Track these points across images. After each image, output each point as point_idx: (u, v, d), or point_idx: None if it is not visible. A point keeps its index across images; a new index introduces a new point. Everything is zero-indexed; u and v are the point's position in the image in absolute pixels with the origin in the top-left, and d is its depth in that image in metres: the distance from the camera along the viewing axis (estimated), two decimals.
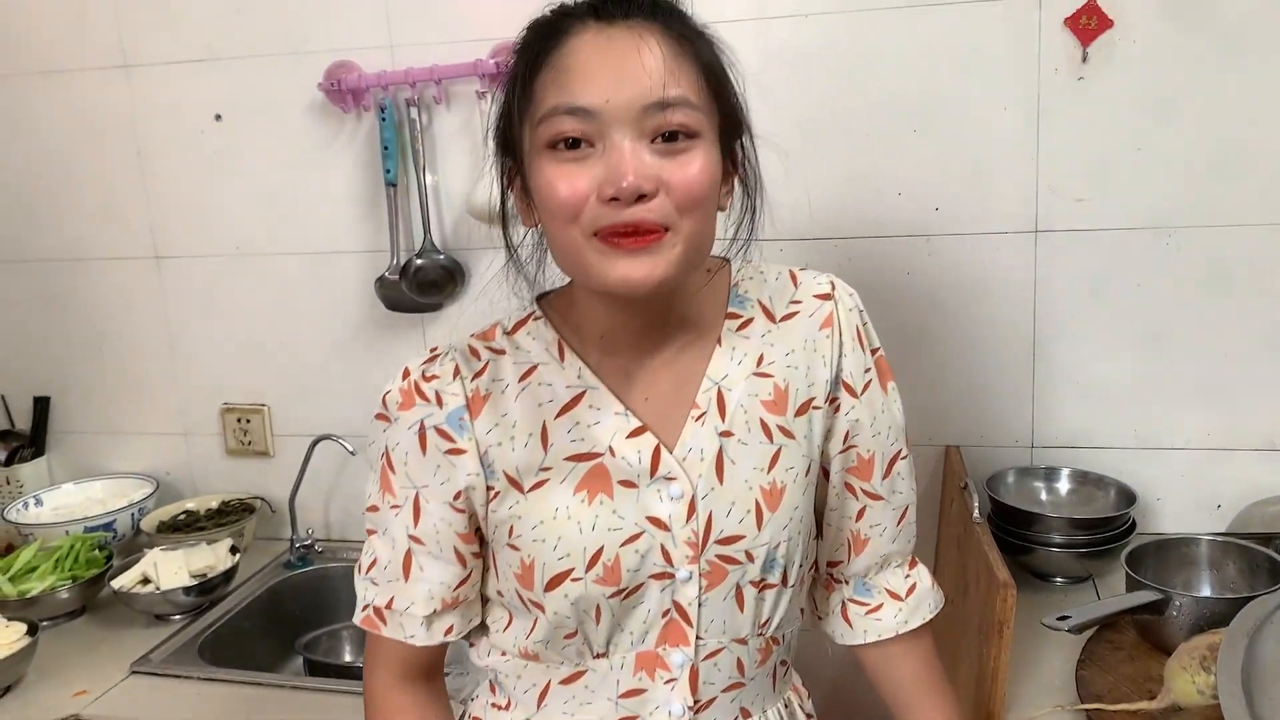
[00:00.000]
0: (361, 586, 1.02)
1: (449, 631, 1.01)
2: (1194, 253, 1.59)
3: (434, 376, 0.97)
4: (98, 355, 2.07)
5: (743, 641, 0.99)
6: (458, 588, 0.99)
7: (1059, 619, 1.24)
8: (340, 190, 1.86)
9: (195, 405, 2.04)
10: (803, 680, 1.15)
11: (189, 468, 2.07)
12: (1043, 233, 1.62)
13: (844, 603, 1.10)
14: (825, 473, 1.04)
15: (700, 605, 0.96)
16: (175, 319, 2.01)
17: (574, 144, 0.84)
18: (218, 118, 1.89)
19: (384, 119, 1.77)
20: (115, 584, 1.71)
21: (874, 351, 1.03)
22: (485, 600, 1.04)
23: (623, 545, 0.93)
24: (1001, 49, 1.58)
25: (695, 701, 0.98)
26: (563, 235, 0.87)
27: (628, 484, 0.94)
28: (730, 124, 0.92)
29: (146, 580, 1.73)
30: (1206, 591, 1.41)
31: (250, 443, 2.01)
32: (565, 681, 0.99)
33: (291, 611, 1.85)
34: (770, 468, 0.97)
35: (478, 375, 0.97)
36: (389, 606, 1.00)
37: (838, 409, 1.01)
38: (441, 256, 1.82)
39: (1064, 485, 1.67)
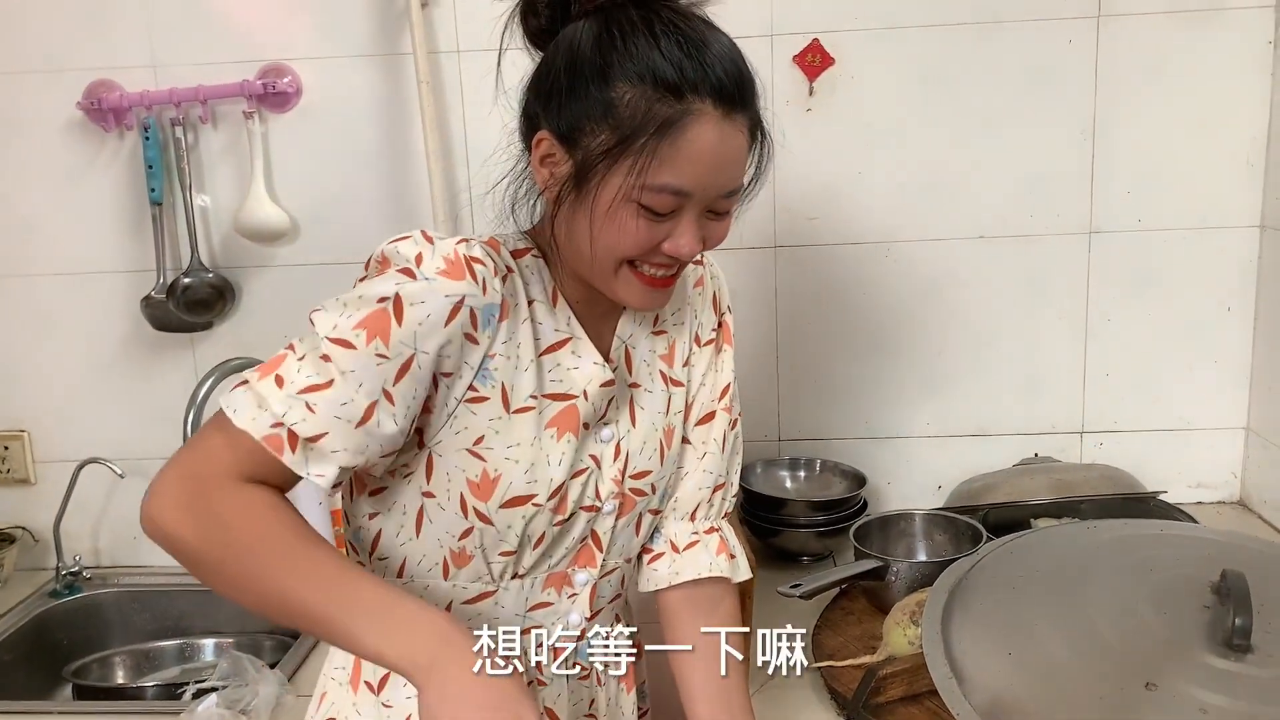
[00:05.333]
0: (283, 402, 0.88)
1: (338, 487, 0.95)
2: (910, 264, 1.80)
3: (479, 261, 0.95)
4: None
5: (629, 561, 1.15)
6: (386, 455, 0.96)
7: (791, 587, 1.39)
8: (102, 210, 1.84)
9: None
10: None
11: None
12: (781, 248, 1.80)
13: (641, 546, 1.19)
14: None
15: (612, 532, 1.09)
16: None
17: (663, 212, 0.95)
18: None
19: (148, 138, 1.76)
20: None
21: (722, 315, 1.19)
22: (392, 507, 1.03)
23: (572, 479, 1.04)
24: None
25: (592, 612, 1.12)
26: (604, 257, 0.96)
27: (586, 426, 1.05)
28: None
29: None
30: (922, 557, 1.61)
31: (9, 471, 1.94)
32: (471, 601, 1.05)
33: (59, 640, 1.80)
34: (667, 411, 1.13)
35: (505, 282, 0.98)
36: (314, 440, 0.89)
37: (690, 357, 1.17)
38: (210, 275, 1.82)
39: (804, 473, 1.85)
